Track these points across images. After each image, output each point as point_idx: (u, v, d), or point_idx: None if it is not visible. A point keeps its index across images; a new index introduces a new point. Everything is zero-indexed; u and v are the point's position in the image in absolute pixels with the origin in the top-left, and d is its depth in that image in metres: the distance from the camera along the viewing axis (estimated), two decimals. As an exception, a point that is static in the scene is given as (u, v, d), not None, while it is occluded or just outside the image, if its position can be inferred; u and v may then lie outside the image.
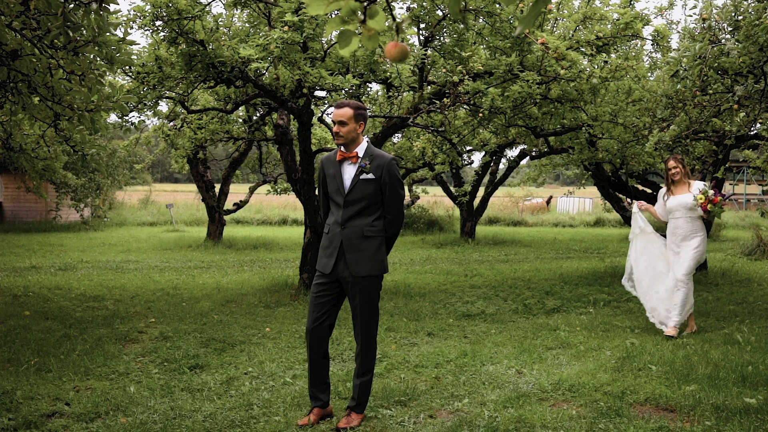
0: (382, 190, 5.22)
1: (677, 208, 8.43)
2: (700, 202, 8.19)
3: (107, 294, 10.80)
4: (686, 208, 8.35)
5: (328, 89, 9.40)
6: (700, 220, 8.44)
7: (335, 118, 5.14)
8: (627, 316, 9.49)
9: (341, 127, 5.15)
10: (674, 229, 8.46)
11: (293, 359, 7.03)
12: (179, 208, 31.54)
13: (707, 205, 8.18)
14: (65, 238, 21.01)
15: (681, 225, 8.40)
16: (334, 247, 5.22)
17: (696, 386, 5.93)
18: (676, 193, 8.50)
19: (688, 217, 8.37)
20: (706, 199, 8.19)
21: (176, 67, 8.84)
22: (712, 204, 8.19)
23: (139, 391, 5.89)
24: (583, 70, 9.41)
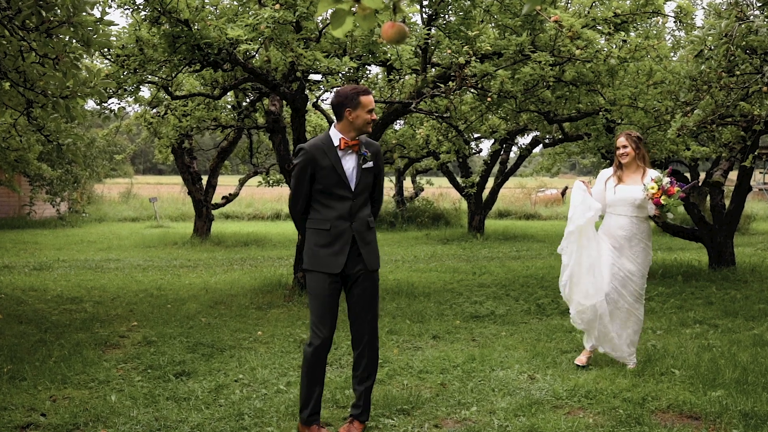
0: (376, 178, 5.44)
1: (621, 202, 7.06)
2: (652, 192, 6.84)
3: (86, 295, 10.81)
4: (634, 205, 6.99)
5: (324, 73, 9.39)
6: (648, 222, 7.14)
7: (371, 105, 5.25)
8: (648, 317, 9.50)
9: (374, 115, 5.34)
10: (613, 230, 7.08)
11: (287, 365, 7.03)
12: (163, 202, 31.54)
13: (660, 196, 6.82)
14: (40, 235, 21.02)
15: (624, 225, 7.02)
16: (344, 243, 5.25)
17: (723, 392, 5.94)
18: (624, 181, 7.14)
19: (634, 217, 7.01)
20: (660, 189, 6.84)
21: (159, 50, 8.84)
22: (666, 195, 6.82)
23: (121, 401, 5.90)
24: (600, 50, 9.40)
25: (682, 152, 12.88)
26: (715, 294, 10.99)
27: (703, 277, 12.57)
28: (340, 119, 5.24)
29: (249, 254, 17.13)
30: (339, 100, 5.23)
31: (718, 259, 13.37)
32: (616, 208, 7.09)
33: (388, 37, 2.17)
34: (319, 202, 5.27)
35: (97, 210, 28.35)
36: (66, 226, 24.10)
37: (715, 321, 9.14)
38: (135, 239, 20.34)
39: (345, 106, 5.20)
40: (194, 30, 8.56)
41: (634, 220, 7.01)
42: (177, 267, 14.50)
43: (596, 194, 7.24)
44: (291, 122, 10.37)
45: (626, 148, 7.09)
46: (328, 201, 5.25)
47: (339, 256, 5.24)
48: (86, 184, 27.44)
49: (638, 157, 7.11)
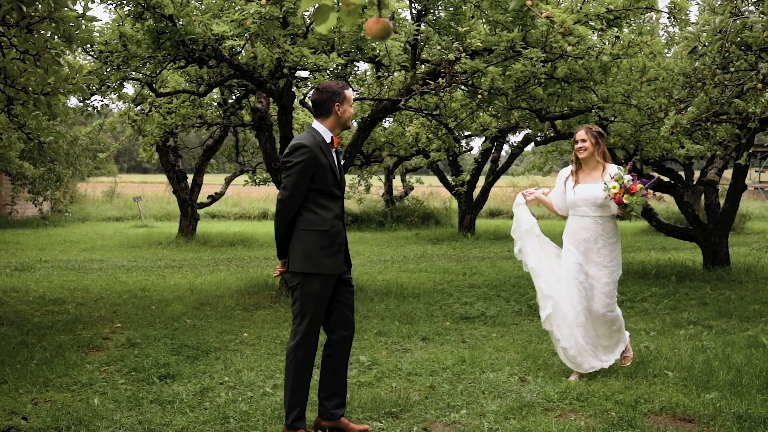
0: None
1: (582, 202, 6.76)
2: (613, 192, 6.51)
3: (68, 297, 10.78)
4: (595, 205, 6.68)
5: (311, 69, 9.38)
6: (614, 221, 6.80)
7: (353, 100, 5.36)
8: (641, 318, 9.53)
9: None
10: (576, 232, 6.81)
11: (273, 367, 7.03)
12: (148, 202, 31.45)
13: (623, 195, 6.49)
14: (22, 235, 20.93)
15: (587, 226, 6.72)
16: (341, 243, 5.33)
17: (716, 394, 5.96)
18: (583, 179, 6.83)
19: (598, 217, 6.71)
20: (621, 187, 6.51)
21: (143, 46, 8.82)
22: (629, 194, 6.49)
23: (104, 404, 5.89)
24: (592, 47, 9.42)
25: (676, 150, 12.93)
26: (710, 294, 11.03)
27: (698, 277, 12.61)
28: (328, 114, 5.27)
29: (235, 254, 17.10)
30: (327, 95, 5.26)
31: (712, 259, 13.42)
32: (577, 209, 6.79)
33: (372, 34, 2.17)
34: (315, 202, 5.22)
35: (80, 209, 28.25)
36: (48, 225, 24.01)
37: (709, 322, 9.18)
38: (119, 239, 20.28)
39: (334, 101, 5.24)
40: (179, 26, 8.54)
41: (598, 220, 6.70)
42: (162, 267, 14.47)
43: (556, 196, 7.02)
44: (278, 120, 10.36)
45: (585, 142, 6.78)
46: (324, 201, 5.25)
47: (338, 257, 5.29)
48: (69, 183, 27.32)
49: (597, 153, 6.80)
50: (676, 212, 23.90)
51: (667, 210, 27.13)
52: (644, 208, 13.95)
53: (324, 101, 5.27)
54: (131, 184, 45.66)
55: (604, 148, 6.85)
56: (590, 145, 6.75)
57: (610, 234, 6.74)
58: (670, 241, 19.73)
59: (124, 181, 45.53)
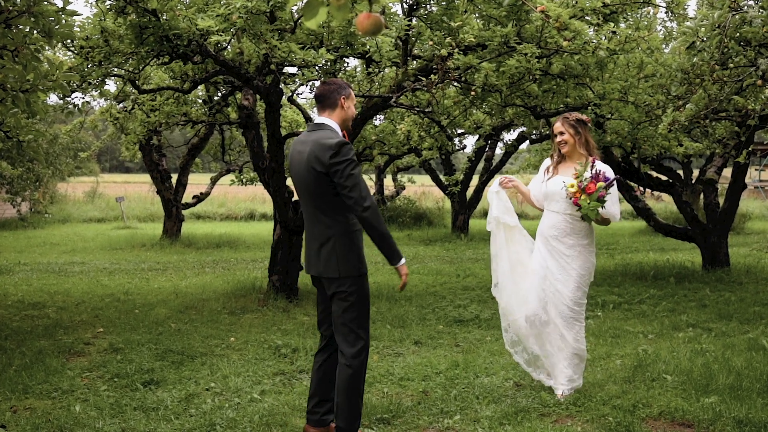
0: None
1: (553, 196, 6.30)
2: (571, 191, 6.01)
3: (49, 301, 10.75)
4: (565, 200, 6.17)
5: (299, 65, 9.37)
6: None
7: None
8: (639, 320, 9.55)
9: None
10: (544, 229, 6.35)
11: (261, 373, 7.03)
12: (131, 202, 31.39)
13: (579, 196, 5.98)
14: (0, 236, 20.86)
15: (555, 223, 6.25)
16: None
17: (716, 398, 5.98)
18: (562, 171, 6.36)
19: (568, 214, 6.19)
20: (578, 186, 5.99)
21: (125, 41, 8.79)
22: (585, 195, 5.95)
23: (86, 411, 5.87)
24: (588, 42, 9.43)
25: (675, 148, 12.96)
26: (709, 296, 11.07)
27: (697, 278, 12.66)
28: (335, 107, 5.24)
29: (221, 256, 17.08)
30: (334, 87, 5.27)
31: (711, 259, 13.46)
32: (549, 204, 6.32)
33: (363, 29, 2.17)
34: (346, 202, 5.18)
35: (60, 210, 28.17)
36: (27, 227, 23.94)
37: (708, 324, 9.21)
38: (101, 241, 20.23)
39: (340, 93, 5.25)
40: (162, 20, 8.51)
41: (567, 218, 6.18)
42: (145, 270, 14.44)
43: (535, 186, 6.57)
44: (265, 117, 10.33)
45: (563, 135, 6.29)
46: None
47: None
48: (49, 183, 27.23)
49: (579, 145, 6.26)
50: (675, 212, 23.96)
51: (665, 210, 27.20)
52: (642, 209, 14.02)
53: (330, 93, 5.25)
54: (113, 184, 45.53)
55: (586, 136, 6.29)
56: (569, 137, 6.26)
57: (581, 235, 6.20)
58: (669, 241, 19.81)
59: (106, 181, 45.39)
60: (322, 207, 5.12)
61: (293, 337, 8.48)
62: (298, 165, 5.19)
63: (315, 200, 5.13)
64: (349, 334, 5.14)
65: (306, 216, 5.30)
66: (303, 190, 5.20)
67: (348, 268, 5.11)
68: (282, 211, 10.64)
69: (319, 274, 5.20)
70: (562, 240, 6.18)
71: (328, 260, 5.12)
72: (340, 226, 5.12)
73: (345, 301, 5.13)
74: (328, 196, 5.08)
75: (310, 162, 5.05)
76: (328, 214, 5.12)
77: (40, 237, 21.18)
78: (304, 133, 5.33)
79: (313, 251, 5.22)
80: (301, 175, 5.16)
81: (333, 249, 5.10)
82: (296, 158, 5.23)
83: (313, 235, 5.22)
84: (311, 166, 5.05)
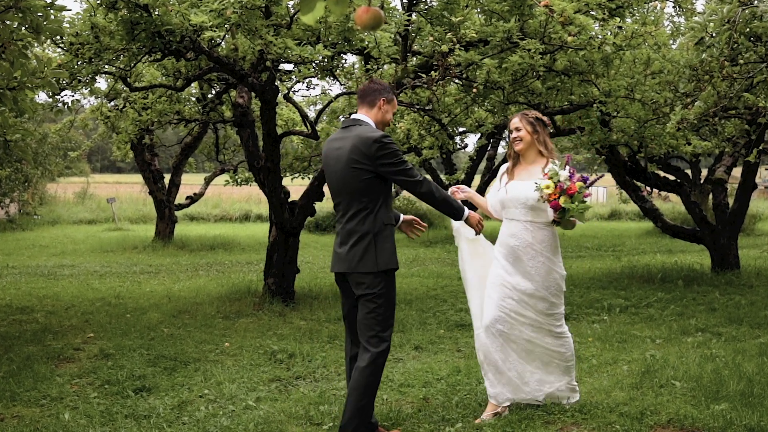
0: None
1: (513, 203, 5.93)
2: (547, 192, 5.63)
3: (37, 305, 10.73)
4: (526, 207, 5.84)
5: (295, 62, 9.36)
6: (551, 228, 5.92)
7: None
8: (647, 324, 9.54)
9: None
10: (504, 238, 5.99)
11: (257, 379, 7.01)
12: (122, 203, 31.40)
13: (558, 198, 5.61)
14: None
15: (516, 233, 5.89)
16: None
17: (727, 405, 5.96)
18: (518, 175, 6.02)
19: (529, 222, 5.86)
20: (557, 186, 5.62)
21: (116, 37, 8.77)
22: (567, 196, 5.60)
23: (75, 419, 5.86)
24: (593, 37, 9.42)
25: (683, 147, 12.95)
26: (719, 300, 11.05)
27: (706, 281, 12.64)
28: (372, 106, 5.37)
29: (215, 259, 17.07)
30: (377, 88, 5.39)
31: (721, 262, 13.45)
32: (508, 211, 5.97)
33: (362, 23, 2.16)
34: (384, 195, 5.30)
35: (50, 212, 28.18)
36: (16, 229, 23.92)
37: (718, 329, 9.19)
38: (91, 243, 20.21)
39: (381, 95, 5.36)
40: (154, 16, 8.49)
41: (528, 226, 5.83)
42: (137, 273, 14.43)
43: (492, 194, 6.21)
44: (260, 115, 10.33)
45: (520, 131, 5.97)
46: (388, 196, 5.36)
47: None
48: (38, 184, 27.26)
49: (538, 143, 5.97)
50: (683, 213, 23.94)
51: (673, 210, 27.21)
52: (649, 209, 14.01)
53: (372, 91, 5.37)
54: (105, 184, 45.55)
55: (545, 137, 6.02)
56: (526, 134, 5.94)
57: (544, 245, 5.85)
58: (677, 243, 19.78)
59: (97, 181, 45.42)
60: (360, 203, 5.23)
61: (289, 342, 8.46)
62: (335, 161, 5.30)
63: (354, 196, 5.24)
64: (374, 335, 5.22)
65: (340, 213, 5.37)
66: (341, 186, 5.30)
67: (379, 262, 5.21)
68: (278, 212, 10.62)
69: (352, 270, 5.25)
70: (524, 250, 5.84)
71: (363, 255, 5.21)
72: (378, 222, 5.23)
73: (373, 302, 5.22)
74: (368, 191, 5.21)
75: (352, 157, 5.18)
76: (366, 209, 5.23)
77: (29, 239, 21.16)
78: (340, 131, 5.43)
79: (347, 247, 5.27)
80: (340, 171, 5.26)
81: (370, 244, 5.20)
82: (333, 155, 5.33)
83: (348, 231, 5.27)
84: (353, 161, 5.17)
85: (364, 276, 5.20)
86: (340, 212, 5.37)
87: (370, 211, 5.22)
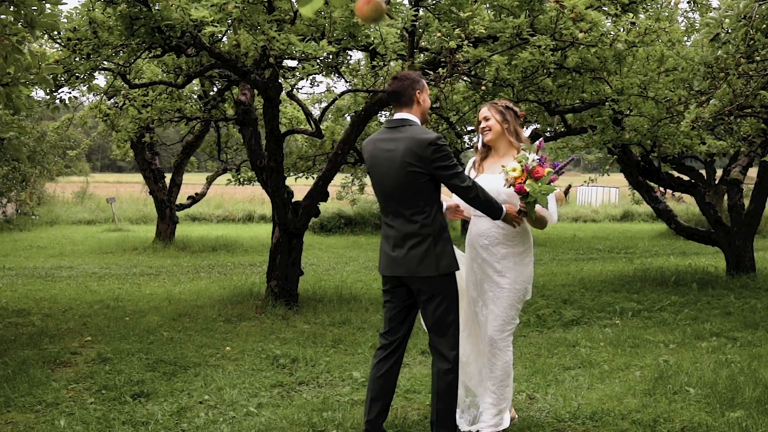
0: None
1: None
2: (512, 176, 5.37)
3: (34, 307, 10.72)
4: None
5: (299, 58, 9.34)
6: (524, 225, 5.69)
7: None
8: (660, 329, 9.50)
9: None
10: (473, 237, 5.79)
11: (258, 384, 6.99)
12: (122, 203, 31.43)
13: (525, 181, 5.34)
14: (-16, 240, 20.90)
15: (485, 231, 5.67)
16: None
17: (742, 412, 5.93)
18: (488, 168, 5.82)
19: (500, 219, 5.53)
20: (524, 170, 5.37)
21: (115, 33, 8.75)
22: (533, 179, 5.34)
23: (71, 425, 5.84)
24: (605, 34, 9.37)
25: (697, 147, 12.90)
26: (734, 303, 11.00)
27: (720, 284, 12.59)
28: (412, 104, 5.35)
29: (217, 260, 17.06)
30: (407, 83, 5.36)
31: (736, 264, 13.39)
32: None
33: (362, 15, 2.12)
34: (438, 197, 5.34)
35: (48, 212, 28.21)
36: (13, 229, 23.94)
37: (733, 333, 9.15)
38: (90, 244, 20.22)
39: (414, 88, 5.35)
40: (154, 11, 8.48)
41: (498, 222, 5.57)
42: (137, 275, 14.42)
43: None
44: (263, 113, 10.30)
45: (488, 120, 5.74)
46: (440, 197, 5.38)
47: None
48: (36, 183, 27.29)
49: (508, 133, 5.72)
50: (697, 214, 23.90)
51: (687, 211, 27.14)
52: (663, 210, 13.96)
53: (405, 89, 5.34)
54: (105, 184, 45.60)
55: (516, 126, 5.78)
56: (496, 123, 5.71)
57: (515, 241, 5.64)
58: (691, 245, 19.74)
59: (97, 180, 45.49)
60: (417, 205, 5.24)
61: (293, 346, 8.44)
62: (387, 163, 5.26)
63: (410, 198, 5.23)
64: (451, 336, 5.31)
65: (392, 216, 5.37)
66: (393, 188, 5.27)
67: (446, 264, 5.24)
68: (281, 213, 10.60)
69: (411, 274, 5.26)
70: (493, 250, 5.61)
71: (422, 259, 5.22)
72: (436, 224, 5.26)
73: (444, 301, 5.28)
74: (423, 193, 5.22)
75: (406, 159, 5.16)
76: (424, 212, 5.24)
77: (27, 240, 21.19)
78: (386, 130, 5.39)
79: (403, 251, 5.28)
80: (392, 174, 5.24)
81: (429, 247, 5.21)
82: (383, 156, 5.30)
83: (405, 234, 5.28)
84: (408, 164, 5.16)
85: (424, 280, 5.24)
86: (390, 215, 5.37)
87: (427, 214, 5.23)
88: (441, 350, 5.29)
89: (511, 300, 5.61)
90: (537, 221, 5.60)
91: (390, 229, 5.37)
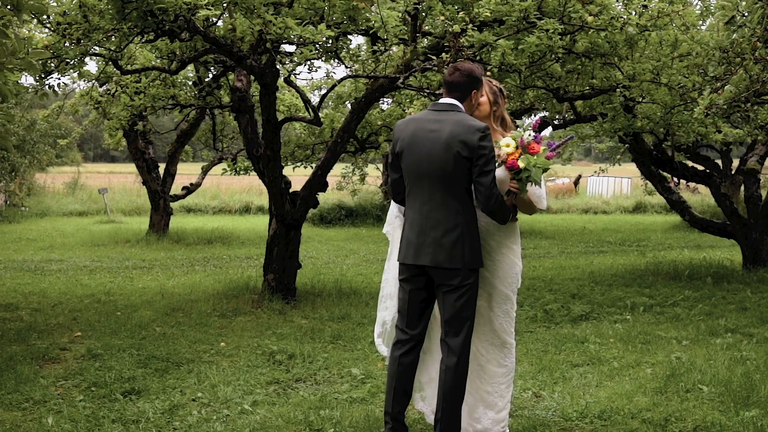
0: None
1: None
2: (506, 152, 5.26)
3: (22, 302, 10.74)
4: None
5: (297, 43, 9.32)
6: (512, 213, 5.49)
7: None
8: (672, 325, 9.49)
9: None
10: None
11: (254, 381, 6.99)
12: (115, 194, 31.44)
13: (518, 157, 5.25)
14: (-28, 232, 20.94)
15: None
16: None
17: (757, 411, 5.92)
18: None
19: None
20: (518, 146, 5.28)
21: (106, 17, 8.73)
22: (528, 154, 5.25)
23: (59, 424, 5.85)
24: (616, 17, 9.35)
25: (712, 135, 12.89)
26: (750, 298, 11.00)
27: (736, 278, 12.58)
28: (465, 98, 5.37)
29: (213, 253, 17.07)
30: (469, 80, 5.37)
31: (753, 258, 13.38)
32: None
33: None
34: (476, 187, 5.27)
35: (38, 203, 28.23)
36: (2, 221, 23.98)
37: (749, 329, 9.14)
38: (82, 236, 20.23)
39: (473, 87, 5.38)
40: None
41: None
42: (129, 268, 14.44)
43: None
44: (260, 100, 10.30)
45: (482, 97, 5.56)
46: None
47: None
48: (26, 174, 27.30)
49: (494, 117, 5.62)
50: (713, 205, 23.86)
51: (701, 203, 27.14)
52: (676, 201, 13.94)
53: (465, 85, 5.36)
54: (97, 174, 45.64)
55: (503, 111, 5.68)
56: (486, 101, 5.58)
57: (503, 233, 5.53)
58: (705, 237, 19.72)
59: (90, 171, 45.52)
60: (454, 191, 5.22)
61: (290, 342, 8.44)
62: (430, 144, 5.22)
63: (448, 183, 5.20)
64: (465, 333, 5.28)
65: (426, 200, 5.29)
66: (433, 171, 5.21)
67: (472, 259, 5.24)
68: (278, 204, 10.59)
69: (437, 264, 5.22)
70: (485, 241, 5.46)
71: (452, 249, 5.19)
72: (469, 213, 5.26)
73: (465, 294, 5.25)
74: (463, 180, 5.19)
75: (452, 142, 5.13)
76: (459, 199, 5.23)
77: (16, 232, 21.21)
78: (432, 112, 5.38)
79: (432, 239, 5.23)
80: (435, 156, 5.19)
81: (460, 237, 5.19)
82: (427, 137, 5.24)
83: (435, 221, 5.23)
84: (453, 147, 5.13)
85: (449, 272, 5.21)
86: (418, 199, 5.30)
87: (461, 202, 5.22)
88: (452, 346, 5.24)
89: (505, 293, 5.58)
90: (526, 204, 5.51)
91: (415, 213, 5.32)
